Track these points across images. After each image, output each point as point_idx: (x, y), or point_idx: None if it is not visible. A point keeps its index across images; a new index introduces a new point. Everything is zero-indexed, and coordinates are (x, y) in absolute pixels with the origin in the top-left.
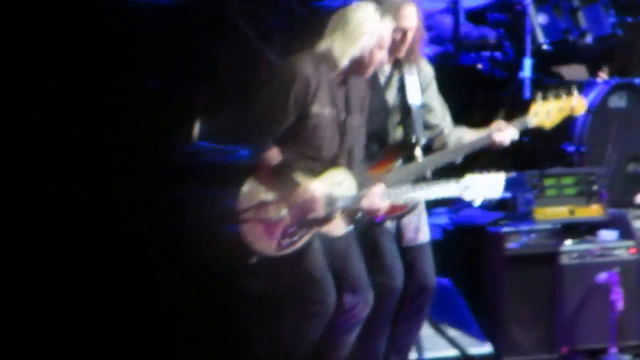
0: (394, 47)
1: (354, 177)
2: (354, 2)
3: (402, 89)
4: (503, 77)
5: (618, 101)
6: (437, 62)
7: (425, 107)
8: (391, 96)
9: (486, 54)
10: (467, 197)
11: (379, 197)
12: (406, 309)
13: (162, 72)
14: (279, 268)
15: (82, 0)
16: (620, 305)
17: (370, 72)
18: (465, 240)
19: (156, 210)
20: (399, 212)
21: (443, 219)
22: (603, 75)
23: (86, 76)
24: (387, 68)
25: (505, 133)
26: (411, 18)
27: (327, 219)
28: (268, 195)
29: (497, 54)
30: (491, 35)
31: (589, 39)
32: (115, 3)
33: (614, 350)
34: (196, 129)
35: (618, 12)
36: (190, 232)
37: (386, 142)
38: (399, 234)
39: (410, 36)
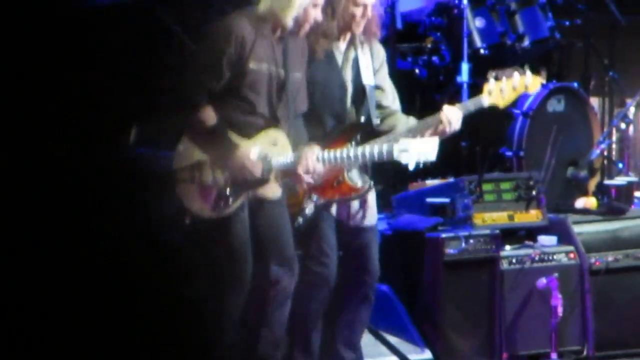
0: (354, 22)
1: (290, 136)
2: None
3: (356, 68)
4: (440, 81)
5: (556, 105)
6: None
7: (377, 88)
8: (347, 74)
9: (423, 58)
10: (402, 159)
11: (313, 160)
12: (351, 297)
13: (94, 78)
14: (204, 238)
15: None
16: (560, 310)
17: (305, 30)
18: (404, 246)
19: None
20: (353, 193)
21: (382, 225)
22: (541, 79)
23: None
24: (342, 46)
25: (453, 112)
26: None
27: (261, 181)
28: (202, 156)
29: (435, 58)
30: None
31: (526, 42)
32: (48, 9)
33: (554, 355)
34: (133, 134)
35: (555, 15)
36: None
37: (343, 120)
38: (346, 213)
39: (369, 12)
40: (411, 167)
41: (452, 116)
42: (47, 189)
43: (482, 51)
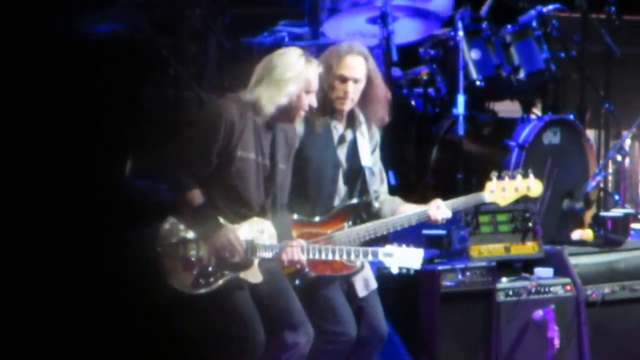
0: (337, 96)
1: (275, 226)
2: (284, 41)
3: (354, 148)
4: (436, 113)
5: (552, 137)
6: None
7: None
8: (342, 154)
9: (419, 90)
10: (386, 263)
11: (298, 252)
12: (356, 354)
13: (92, 110)
14: (207, 308)
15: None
16: (556, 342)
17: (299, 117)
18: (400, 278)
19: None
20: (345, 271)
21: None
22: (536, 111)
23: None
24: (340, 126)
25: (440, 212)
26: (354, 69)
27: (245, 265)
28: (188, 234)
29: (430, 89)
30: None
31: (522, 74)
32: (42, 39)
33: None
34: (128, 167)
35: (550, 47)
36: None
37: (333, 199)
38: (349, 285)
39: (353, 88)
40: (394, 272)
41: (439, 215)
42: (41, 219)
43: (477, 83)
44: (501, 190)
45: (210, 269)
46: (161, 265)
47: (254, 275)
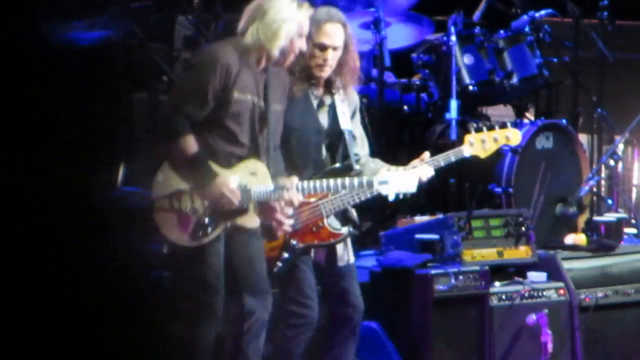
0: (317, 64)
1: (269, 167)
2: None
3: (333, 113)
4: (429, 118)
5: (545, 142)
6: (363, 103)
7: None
8: (323, 119)
9: (412, 95)
10: (382, 191)
11: (293, 190)
12: (338, 333)
13: (85, 116)
14: (178, 268)
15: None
16: (550, 347)
17: (289, 61)
18: (393, 283)
19: (79, 257)
20: (332, 239)
21: (370, 261)
22: (529, 116)
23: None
24: (318, 91)
25: (424, 171)
26: (333, 37)
27: (240, 210)
28: (182, 184)
29: (423, 95)
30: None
31: (514, 79)
32: (33, 44)
33: None
34: (120, 174)
35: (543, 52)
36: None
37: (320, 165)
38: (329, 256)
39: (332, 55)
40: (391, 199)
41: (423, 175)
42: (32, 226)
43: (470, 88)
44: (481, 142)
45: (206, 219)
46: (157, 219)
47: (250, 221)
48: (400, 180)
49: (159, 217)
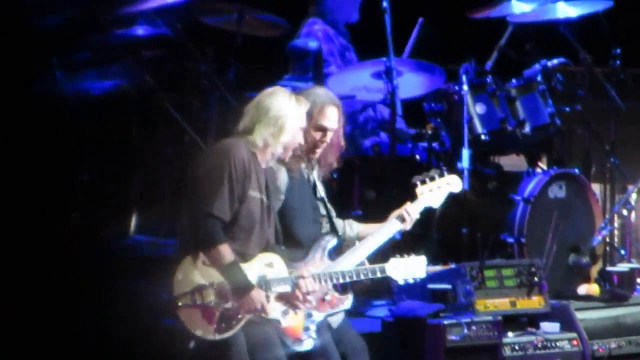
0: (313, 145)
1: (283, 259)
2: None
3: (315, 186)
4: (440, 167)
5: (557, 191)
6: (375, 152)
7: None
8: (315, 192)
9: (423, 144)
10: (394, 276)
11: (311, 280)
12: None
13: (98, 164)
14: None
15: (16, 90)
16: None
17: (288, 155)
18: (405, 332)
19: (91, 303)
20: (340, 304)
21: (382, 311)
22: (542, 165)
23: (22, 167)
24: (307, 169)
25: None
26: (334, 120)
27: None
28: (203, 280)
29: (435, 144)
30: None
31: (527, 128)
32: (50, 93)
33: None
34: (133, 222)
35: (555, 101)
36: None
37: (318, 237)
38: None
39: (329, 137)
40: (400, 283)
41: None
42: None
43: (482, 137)
44: (429, 193)
45: (231, 311)
46: (182, 315)
47: (273, 311)
48: (409, 266)
49: (184, 314)
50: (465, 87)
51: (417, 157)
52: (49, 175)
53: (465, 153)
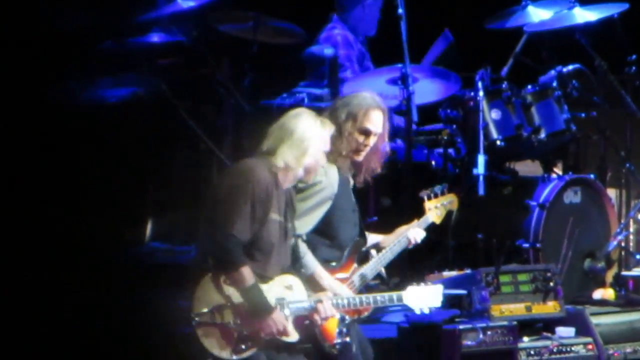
0: (357, 148)
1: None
2: (303, 102)
3: (354, 191)
4: (456, 173)
5: (573, 197)
6: (391, 158)
7: None
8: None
9: (439, 150)
10: (411, 305)
11: (330, 307)
12: None
13: (113, 172)
14: None
15: (32, 98)
16: None
17: (310, 178)
18: (421, 338)
19: (107, 309)
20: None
21: (398, 317)
22: (557, 171)
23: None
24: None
25: (417, 231)
26: (378, 124)
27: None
28: (223, 299)
29: (450, 150)
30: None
31: (542, 134)
32: (65, 101)
33: None
34: (148, 229)
35: (571, 108)
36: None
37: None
38: None
39: (372, 141)
40: (417, 312)
41: (417, 237)
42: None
43: (498, 143)
44: (435, 209)
45: (249, 334)
46: (199, 333)
47: (290, 335)
48: (426, 295)
49: (202, 332)
50: (480, 94)
51: (433, 163)
52: (64, 182)
53: (481, 159)
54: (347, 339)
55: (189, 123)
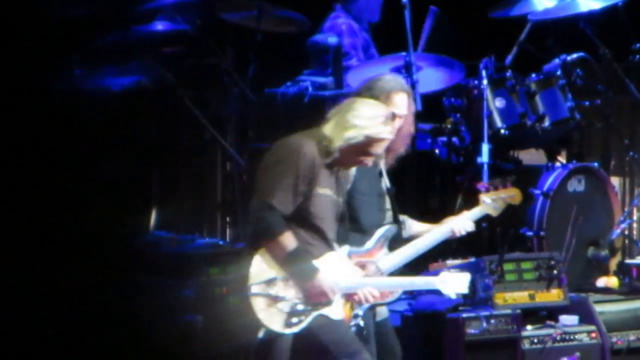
0: None
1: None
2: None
3: (381, 175)
4: (460, 162)
5: (577, 185)
6: None
7: None
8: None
9: (443, 139)
10: (443, 290)
11: (372, 289)
12: None
13: (117, 161)
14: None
15: (33, 89)
16: None
17: (351, 164)
18: (425, 327)
19: (111, 298)
20: (392, 297)
21: (402, 306)
22: (561, 159)
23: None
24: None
25: (465, 222)
26: (402, 107)
27: (330, 302)
28: (274, 273)
29: (454, 139)
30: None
31: (546, 123)
32: (68, 90)
33: None
34: (152, 218)
35: (575, 96)
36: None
37: (380, 226)
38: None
39: (397, 124)
40: (452, 297)
41: (462, 229)
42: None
43: (502, 132)
44: (492, 202)
45: (299, 307)
46: (253, 305)
47: (336, 312)
48: (456, 282)
49: (255, 303)
50: (484, 82)
51: (437, 152)
52: (67, 171)
53: (485, 148)
54: (361, 323)
55: (193, 112)
